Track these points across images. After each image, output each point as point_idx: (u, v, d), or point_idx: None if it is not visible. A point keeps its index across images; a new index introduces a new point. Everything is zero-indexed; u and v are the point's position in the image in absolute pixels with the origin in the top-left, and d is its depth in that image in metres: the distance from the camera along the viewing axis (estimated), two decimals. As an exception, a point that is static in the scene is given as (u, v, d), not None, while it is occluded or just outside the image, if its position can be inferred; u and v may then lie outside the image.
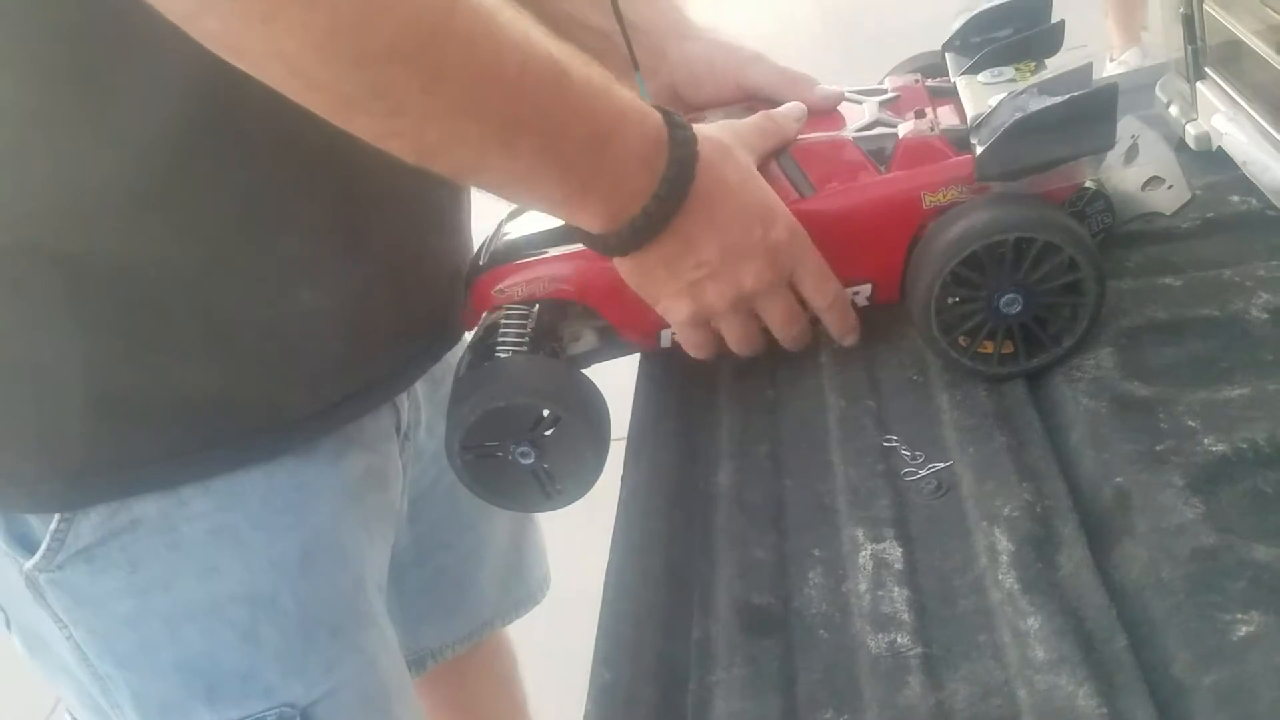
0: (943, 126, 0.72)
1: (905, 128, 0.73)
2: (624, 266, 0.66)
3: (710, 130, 0.69)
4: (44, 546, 0.69)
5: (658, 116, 0.62)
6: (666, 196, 0.61)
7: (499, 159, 0.57)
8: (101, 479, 0.69)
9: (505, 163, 0.57)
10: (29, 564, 0.70)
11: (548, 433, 0.71)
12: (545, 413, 0.71)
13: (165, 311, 0.66)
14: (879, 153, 0.72)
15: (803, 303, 0.72)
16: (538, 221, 0.78)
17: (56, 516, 0.69)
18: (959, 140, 0.71)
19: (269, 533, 0.73)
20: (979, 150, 0.69)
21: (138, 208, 0.54)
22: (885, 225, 0.72)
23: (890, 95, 0.78)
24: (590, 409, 0.72)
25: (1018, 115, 0.67)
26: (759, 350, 0.74)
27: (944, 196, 0.70)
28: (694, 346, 0.73)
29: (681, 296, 0.67)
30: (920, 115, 0.74)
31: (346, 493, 0.77)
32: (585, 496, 0.74)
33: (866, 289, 0.75)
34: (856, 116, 0.76)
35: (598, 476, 0.73)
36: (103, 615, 0.72)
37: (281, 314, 0.69)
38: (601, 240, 0.63)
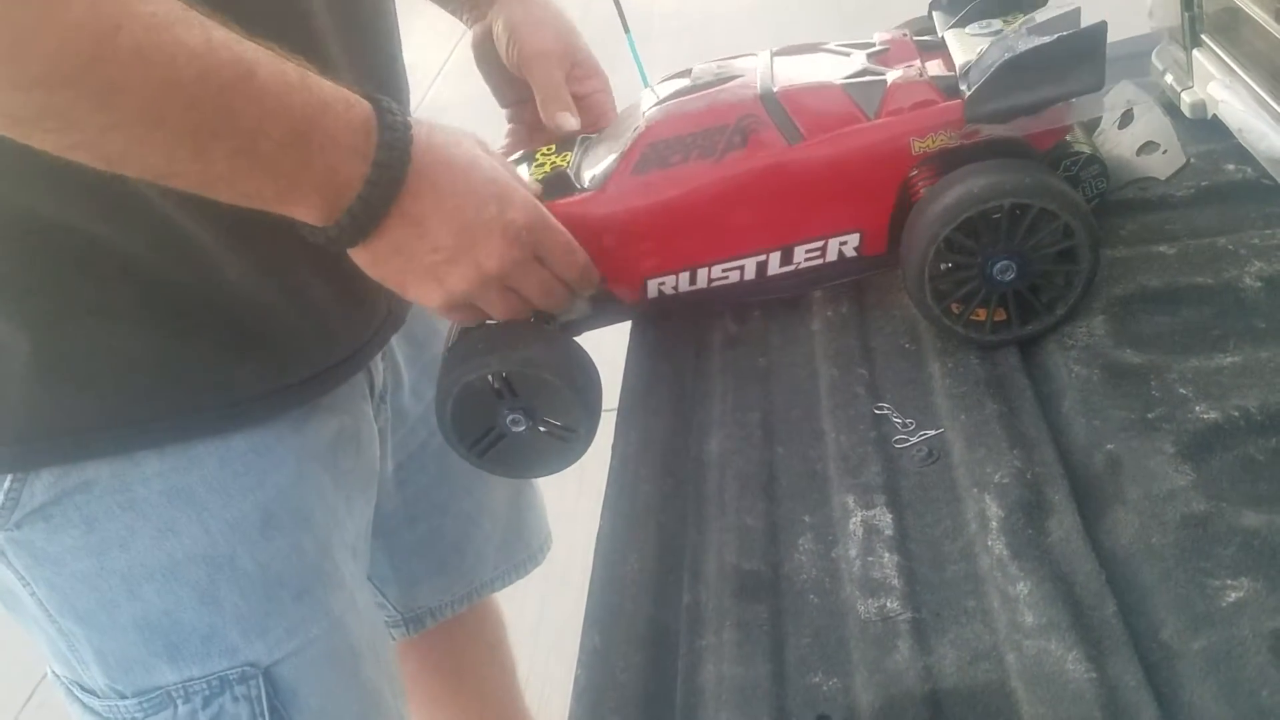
0: (931, 75, 0.72)
1: (894, 74, 0.72)
2: (361, 258, 0.65)
3: (443, 124, 0.67)
4: None
5: (365, 105, 0.61)
6: (379, 180, 0.60)
7: (192, 164, 0.57)
8: (47, 443, 0.69)
9: (200, 166, 0.57)
10: None
11: (539, 399, 0.71)
12: (538, 379, 0.70)
13: (99, 275, 0.66)
14: (868, 99, 0.72)
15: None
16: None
17: (9, 476, 0.69)
18: (948, 87, 0.71)
19: (226, 495, 0.73)
20: (968, 92, 0.68)
21: (71, 172, 0.54)
22: (873, 172, 0.71)
23: (878, 48, 0.77)
24: (581, 375, 0.72)
25: (1007, 55, 0.66)
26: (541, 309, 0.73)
27: (933, 142, 0.70)
28: (464, 322, 0.73)
29: (426, 282, 0.66)
30: (909, 66, 0.73)
31: (313, 456, 0.77)
32: (576, 464, 0.74)
33: (854, 239, 0.74)
34: (844, 66, 0.75)
35: (589, 443, 0.73)
36: (62, 573, 0.72)
37: (219, 285, 0.68)
38: (325, 234, 0.62)
